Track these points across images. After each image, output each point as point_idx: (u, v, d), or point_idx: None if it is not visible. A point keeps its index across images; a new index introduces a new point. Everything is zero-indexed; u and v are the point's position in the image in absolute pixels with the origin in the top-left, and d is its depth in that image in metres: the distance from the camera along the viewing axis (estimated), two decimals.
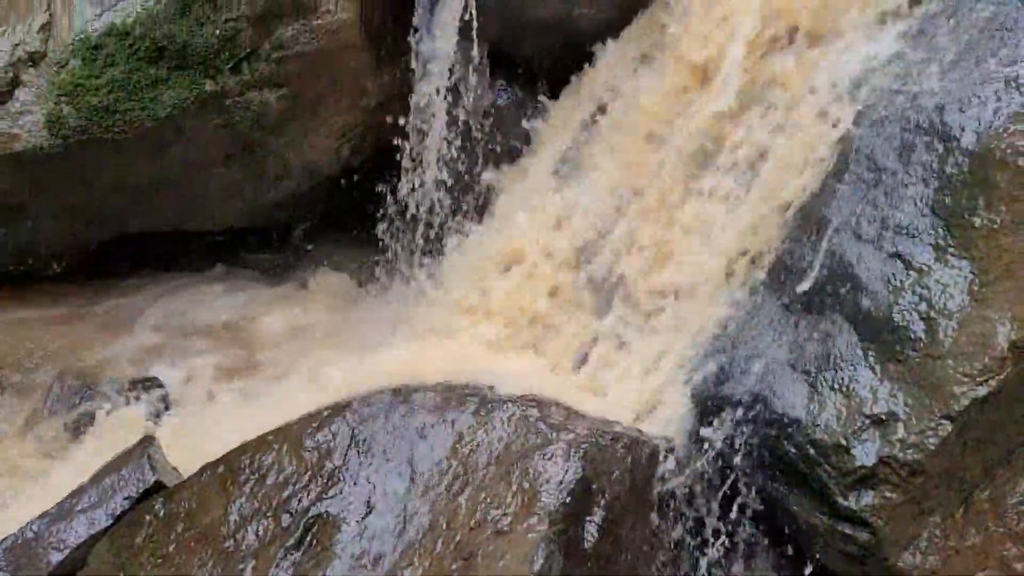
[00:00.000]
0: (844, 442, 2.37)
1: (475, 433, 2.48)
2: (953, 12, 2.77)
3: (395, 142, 3.74)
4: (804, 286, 2.63)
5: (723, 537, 2.56)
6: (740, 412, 2.57)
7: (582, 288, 3.04)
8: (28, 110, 3.26)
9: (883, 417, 2.38)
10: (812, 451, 2.41)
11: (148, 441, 2.76)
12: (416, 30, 3.64)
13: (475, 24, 3.55)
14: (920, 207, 2.55)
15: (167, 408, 3.30)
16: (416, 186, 3.71)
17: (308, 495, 2.40)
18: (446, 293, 3.30)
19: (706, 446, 2.56)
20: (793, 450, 2.45)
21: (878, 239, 2.58)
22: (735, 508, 2.56)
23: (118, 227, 3.75)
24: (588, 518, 2.28)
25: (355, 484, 2.40)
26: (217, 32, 3.29)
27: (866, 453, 2.34)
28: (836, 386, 2.47)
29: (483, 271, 3.18)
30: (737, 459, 2.54)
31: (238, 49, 3.35)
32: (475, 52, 3.61)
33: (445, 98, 3.66)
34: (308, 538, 2.30)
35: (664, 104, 3.16)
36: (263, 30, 3.36)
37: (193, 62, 3.31)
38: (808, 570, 2.49)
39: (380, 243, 3.89)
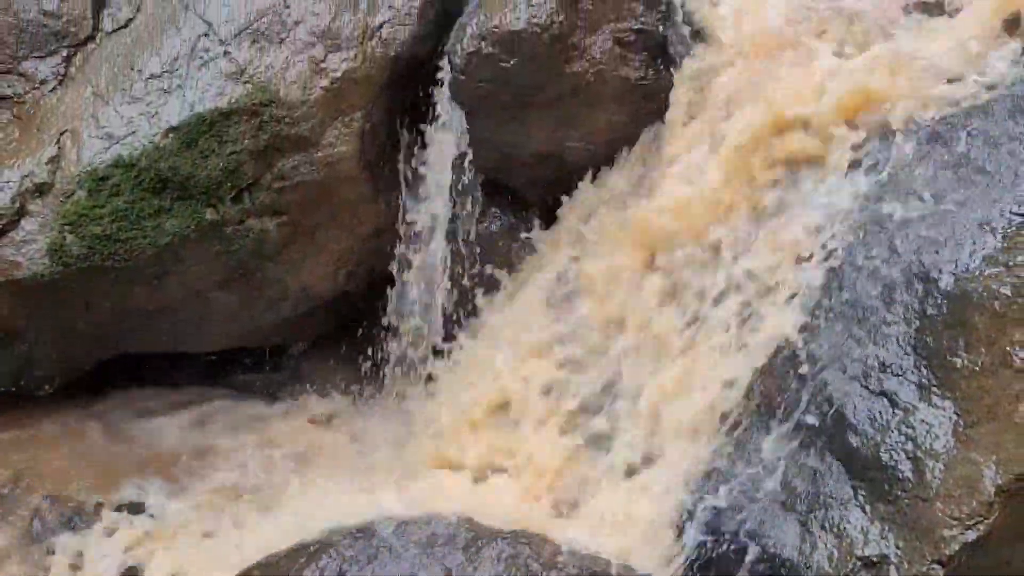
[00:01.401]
0: None
1: (465, 570, 2.46)
2: (927, 154, 2.90)
3: (389, 266, 3.83)
4: (792, 423, 2.66)
5: None
6: (732, 550, 2.56)
7: (569, 421, 3.06)
8: (32, 239, 3.34)
9: (875, 560, 2.37)
10: None
11: (132, 573, 2.72)
12: (413, 161, 3.78)
13: (469, 156, 3.69)
14: (903, 346, 2.61)
15: (153, 536, 3.25)
16: (407, 311, 3.78)
17: None
18: (433, 428, 3.31)
19: None
20: None
21: (864, 376, 2.63)
22: None
23: (114, 349, 3.77)
24: None
25: None
26: (221, 164, 3.41)
27: None
28: (827, 526, 2.48)
29: (470, 405, 3.21)
30: None
31: (240, 180, 3.46)
32: (469, 182, 3.74)
33: (438, 226, 3.77)
34: None
35: (651, 236, 3.27)
36: (265, 162, 3.48)
37: (196, 192, 3.41)
38: None
39: (373, 365, 3.93)
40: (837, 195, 2.92)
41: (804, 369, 2.74)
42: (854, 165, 2.89)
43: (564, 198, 3.61)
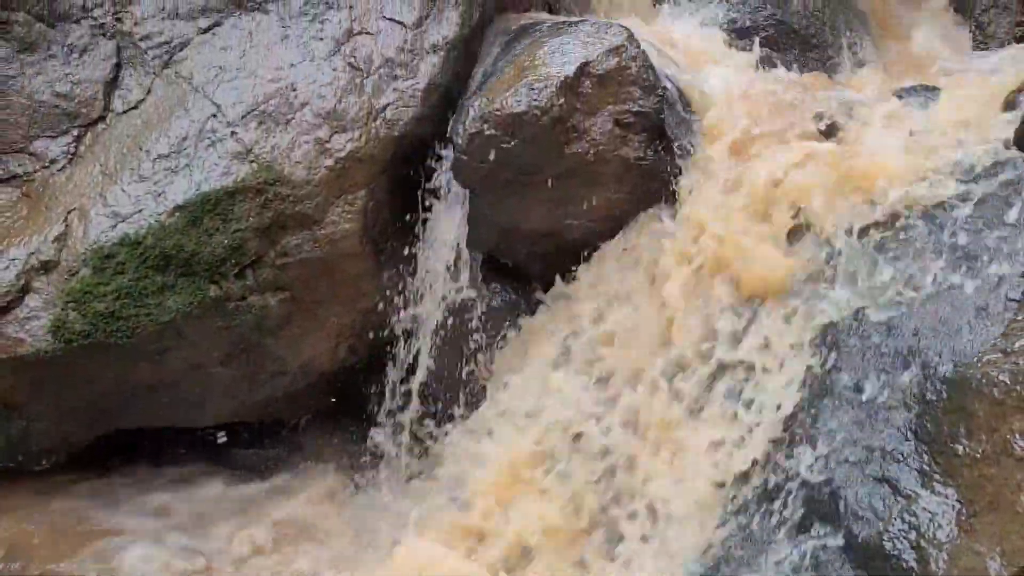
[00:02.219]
0: None
1: None
2: (922, 238, 2.93)
3: (390, 341, 3.85)
4: (793, 508, 2.64)
5: None
6: None
7: (570, 501, 3.04)
8: (36, 315, 3.35)
9: None
10: None
11: None
12: (415, 237, 3.82)
13: (470, 233, 3.74)
14: (903, 432, 2.61)
15: None
16: (407, 387, 3.78)
17: None
18: (430, 514, 3.29)
19: None
20: None
21: (865, 462, 2.62)
22: None
23: (113, 424, 3.76)
24: None
25: None
26: (225, 241, 3.45)
27: None
28: None
29: (470, 491, 3.19)
30: None
31: (244, 257, 3.49)
32: (469, 258, 3.77)
33: (438, 302, 3.80)
34: None
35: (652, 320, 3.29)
36: (269, 239, 3.52)
37: (199, 269, 3.44)
38: None
39: (372, 440, 3.91)
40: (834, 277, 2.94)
41: (804, 452, 2.73)
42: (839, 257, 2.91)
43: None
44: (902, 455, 2.57)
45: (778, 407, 2.81)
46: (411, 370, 3.85)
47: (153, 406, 3.73)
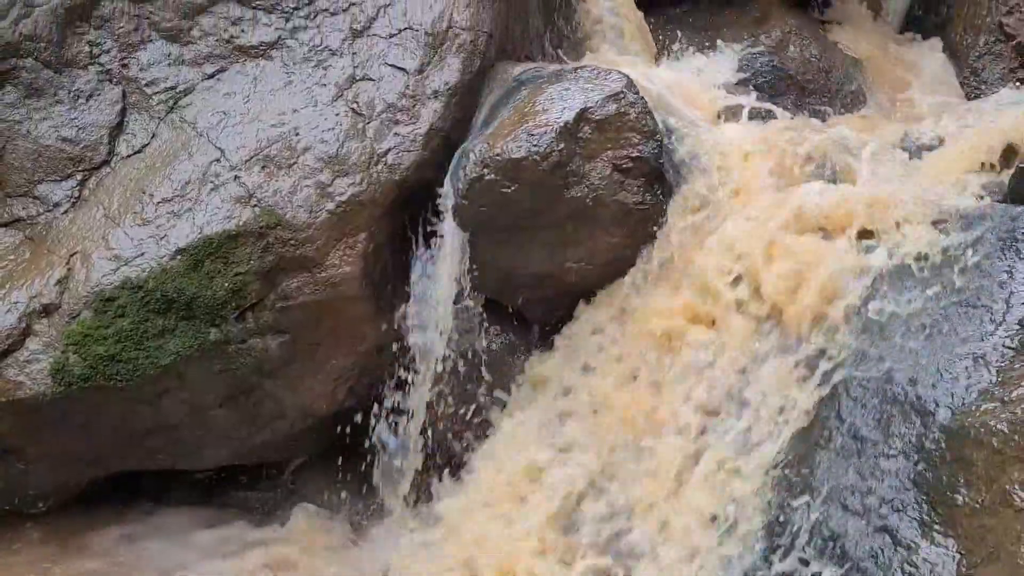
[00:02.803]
0: None
1: None
2: (919, 286, 2.94)
3: (388, 383, 3.85)
4: (793, 559, 2.63)
5: None
6: None
7: (573, 549, 3.02)
8: (36, 359, 3.36)
9: None
10: None
11: None
12: (415, 280, 3.84)
13: (470, 276, 3.75)
14: (903, 480, 2.60)
15: None
16: (406, 430, 3.77)
17: None
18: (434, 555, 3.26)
19: None
20: None
21: (864, 511, 2.61)
22: None
23: (111, 467, 3.75)
24: None
25: None
26: (226, 285, 3.46)
27: None
28: None
29: (472, 535, 3.17)
30: None
31: (244, 300, 3.51)
32: (469, 301, 3.78)
33: (438, 344, 3.80)
34: None
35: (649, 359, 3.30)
36: (270, 282, 3.54)
37: (200, 312, 3.46)
38: None
39: (371, 484, 3.90)
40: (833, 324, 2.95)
41: (804, 500, 2.72)
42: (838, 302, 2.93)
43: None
44: (902, 504, 2.56)
45: (776, 454, 2.80)
46: (411, 414, 3.84)
47: (151, 449, 3.72)
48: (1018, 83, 4.19)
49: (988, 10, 4.41)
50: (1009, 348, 2.68)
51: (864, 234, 3.10)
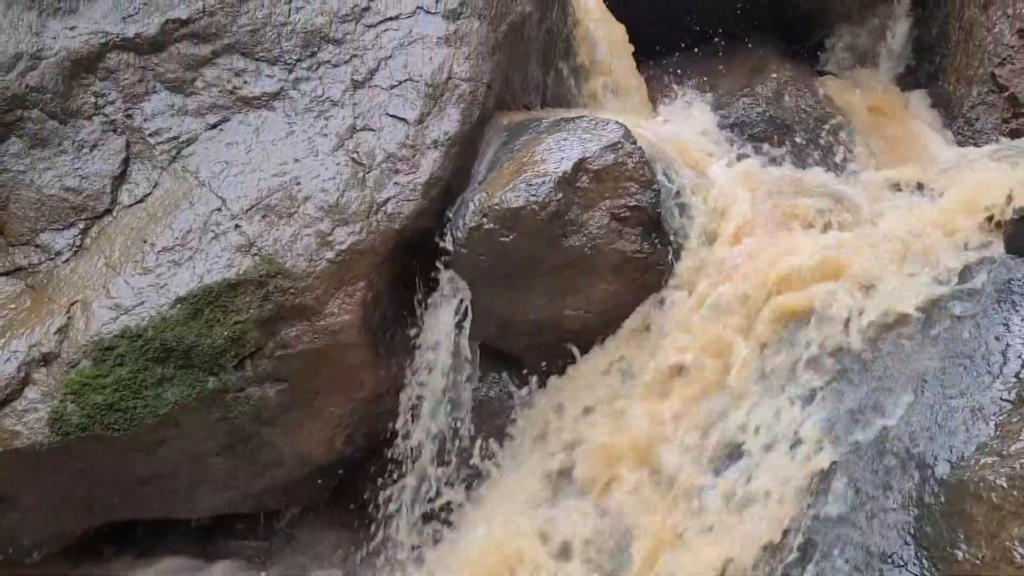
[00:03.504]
0: None
1: None
2: (915, 339, 2.95)
3: (387, 431, 3.84)
4: None
5: None
6: None
7: None
8: (34, 408, 3.36)
9: None
10: None
11: None
12: (414, 327, 3.85)
13: (469, 323, 3.76)
14: (903, 535, 2.58)
15: None
16: (403, 478, 3.75)
17: None
18: None
19: None
20: None
21: (865, 567, 2.58)
22: None
23: (107, 516, 3.73)
24: None
25: None
26: (225, 333, 3.47)
27: None
28: None
29: None
30: None
31: (243, 348, 3.51)
32: (468, 349, 3.79)
33: (437, 390, 3.80)
34: None
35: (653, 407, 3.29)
36: (269, 331, 3.55)
37: (199, 361, 3.46)
38: None
39: (369, 532, 3.86)
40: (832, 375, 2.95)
41: (803, 555, 2.70)
42: (837, 352, 2.93)
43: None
44: (902, 560, 2.54)
45: (776, 505, 2.78)
46: (409, 461, 3.83)
47: (148, 497, 3.70)
48: (1011, 133, 4.25)
49: (980, 61, 4.48)
50: (1007, 401, 2.68)
51: (860, 284, 3.12)
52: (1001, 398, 2.68)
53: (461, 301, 3.77)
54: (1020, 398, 2.65)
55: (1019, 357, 2.74)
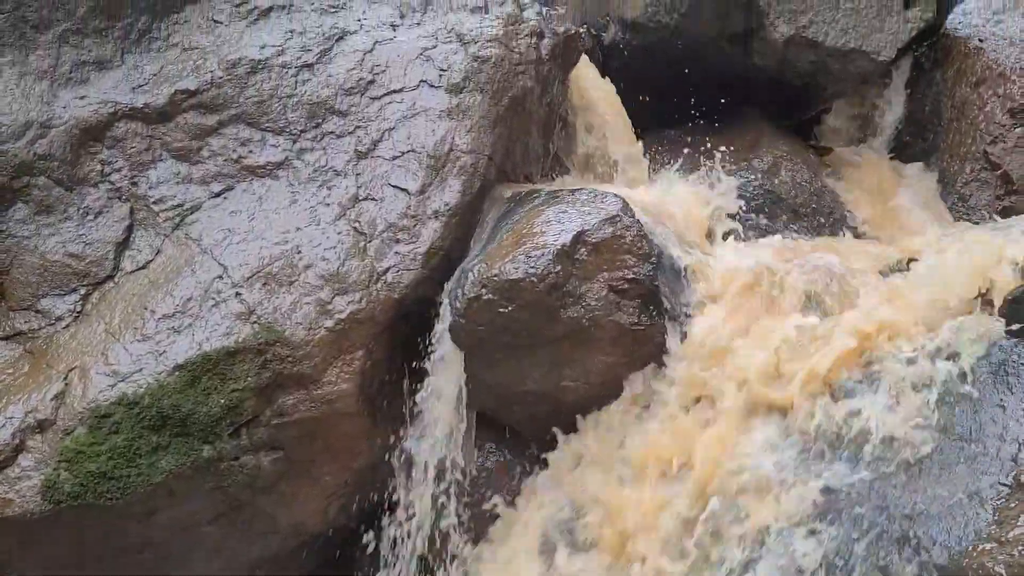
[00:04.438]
0: None
1: None
2: (911, 421, 2.95)
3: (382, 500, 3.81)
4: None
5: None
6: None
7: None
8: (27, 475, 3.34)
9: None
10: None
11: None
12: (411, 397, 3.85)
13: (466, 394, 3.76)
14: None
15: None
16: (399, 550, 3.71)
17: None
18: None
19: None
20: None
21: None
22: None
23: None
24: None
25: None
26: (222, 401, 3.47)
27: None
28: None
29: None
30: None
31: (240, 416, 3.51)
32: (465, 420, 3.79)
33: (433, 461, 3.78)
34: None
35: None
36: (266, 399, 3.55)
37: (194, 429, 3.45)
38: None
39: None
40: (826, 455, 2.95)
41: None
42: (837, 436, 2.93)
43: None
44: None
45: None
46: (405, 531, 3.79)
47: (140, 564, 3.66)
48: (1003, 212, 4.30)
49: (973, 139, 4.56)
50: (1004, 485, 2.67)
51: (856, 363, 3.13)
52: (999, 482, 2.68)
53: (458, 370, 3.77)
54: (1018, 482, 2.65)
55: (1016, 440, 2.74)
